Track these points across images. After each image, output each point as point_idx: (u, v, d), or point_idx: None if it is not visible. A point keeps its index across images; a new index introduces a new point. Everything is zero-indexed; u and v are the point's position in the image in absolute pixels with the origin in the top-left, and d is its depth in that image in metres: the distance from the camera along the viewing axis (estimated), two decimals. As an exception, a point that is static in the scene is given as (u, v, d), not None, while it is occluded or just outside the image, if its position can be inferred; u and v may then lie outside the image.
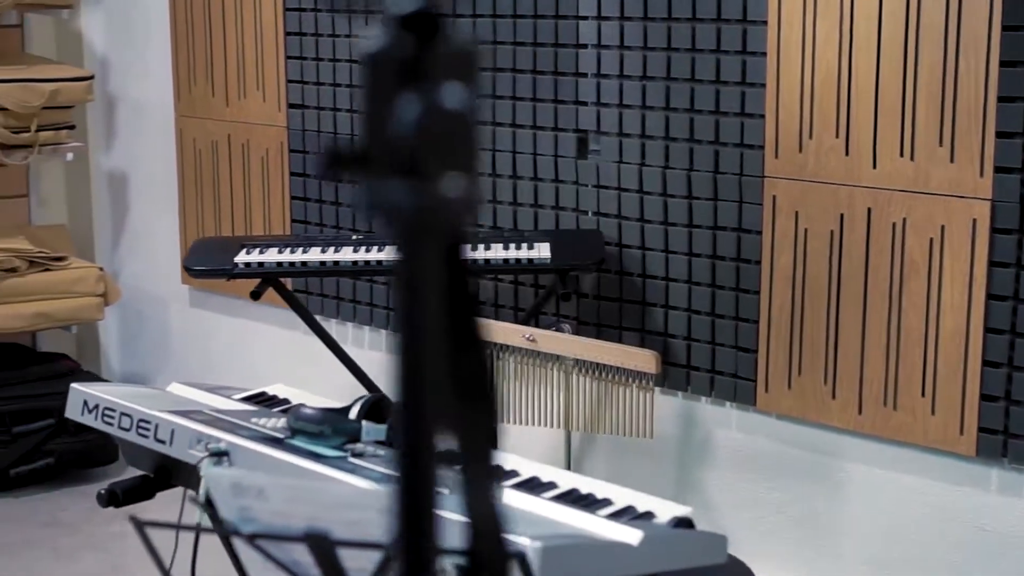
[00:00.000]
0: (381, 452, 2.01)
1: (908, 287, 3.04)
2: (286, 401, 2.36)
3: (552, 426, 3.39)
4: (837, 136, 3.10)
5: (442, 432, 0.63)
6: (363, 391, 3.72)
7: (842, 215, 3.12)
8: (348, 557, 1.40)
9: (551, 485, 1.96)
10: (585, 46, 3.51)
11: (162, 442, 2.08)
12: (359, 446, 2.01)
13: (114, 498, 2.15)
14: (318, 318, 4.28)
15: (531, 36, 3.60)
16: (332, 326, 4.28)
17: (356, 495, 1.37)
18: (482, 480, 0.65)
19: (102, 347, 5.16)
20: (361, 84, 0.56)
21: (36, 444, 4.25)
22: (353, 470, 1.86)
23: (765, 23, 3.18)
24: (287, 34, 4.25)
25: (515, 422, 3.39)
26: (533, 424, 3.40)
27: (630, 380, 3.22)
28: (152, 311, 4.96)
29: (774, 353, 3.27)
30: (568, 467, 3.36)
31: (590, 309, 3.58)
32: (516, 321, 3.60)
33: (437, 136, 0.54)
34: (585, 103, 3.53)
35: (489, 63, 3.69)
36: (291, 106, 4.27)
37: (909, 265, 3.03)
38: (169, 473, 2.14)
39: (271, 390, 2.42)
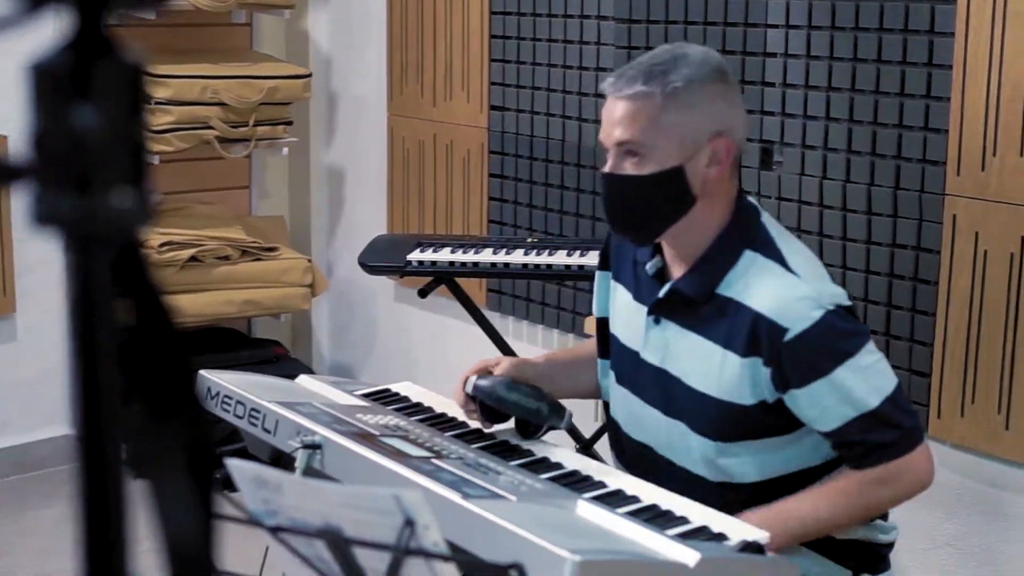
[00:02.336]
0: (467, 454, 2.02)
1: (1089, 317, 2.87)
2: (406, 399, 2.39)
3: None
4: (1022, 155, 2.95)
5: (128, 449, 0.62)
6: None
7: (1023, 238, 2.97)
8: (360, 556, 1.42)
9: (633, 499, 1.93)
10: (774, 55, 3.44)
11: (268, 431, 2.14)
12: (445, 446, 2.03)
13: (228, 483, 2.22)
14: (510, 318, 4.34)
15: (720, 43, 3.55)
16: (524, 326, 4.32)
17: (361, 497, 1.38)
18: (186, 500, 0.64)
19: (314, 336, 5.33)
20: (28, 95, 0.57)
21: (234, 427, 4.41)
22: (432, 472, 1.87)
23: (952, 35, 3.05)
24: (492, 37, 4.30)
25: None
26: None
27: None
28: (361, 303, 5.09)
29: (948, 378, 3.13)
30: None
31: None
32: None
33: (102, 149, 0.54)
34: (772, 113, 3.46)
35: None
36: (492, 108, 4.32)
37: (1091, 293, 2.87)
38: (281, 462, 2.20)
39: (395, 387, 2.45)
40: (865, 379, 2.07)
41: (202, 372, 2.30)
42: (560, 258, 3.43)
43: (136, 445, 0.64)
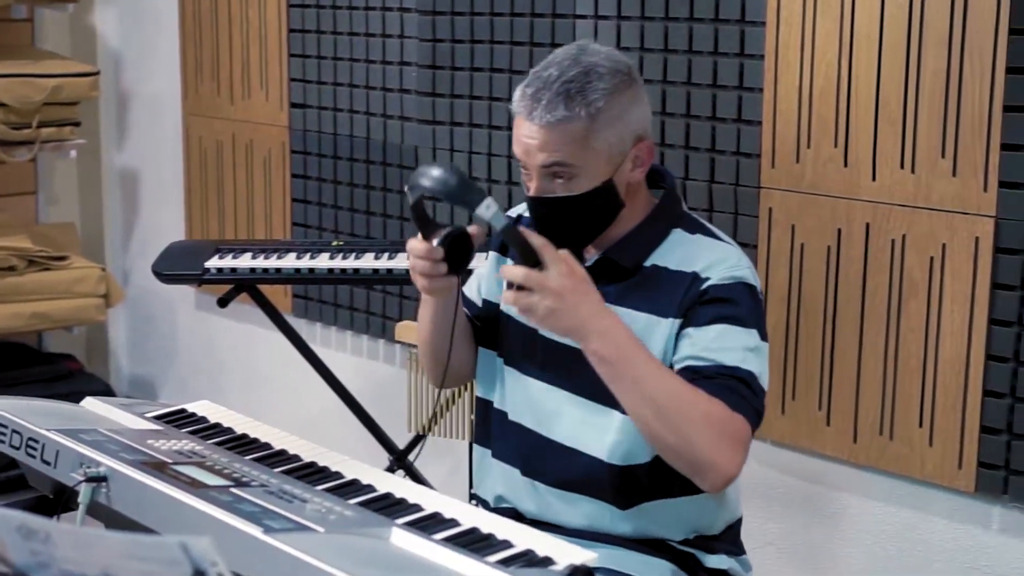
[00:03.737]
0: (270, 480, 1.85)
1: (907, 309, 2.83)
2: (203, 420, 2.21)
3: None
4: (836, 146, 2.90)
5: None
6: (336, 399, 3.58)
7: (840, 230, 2.92)
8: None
9: (451, 523, 1.79)
10: (583, 47, 3.33)
11: (48, 463, 1.94)
12: (246, 472, 1.86)
13: None
14: (317, 324, 4.17)
15: (527, 35, 3.43)
16: (332, 333, 4.16)
17: (145, 546, 1.21)
18: None
19: (111, 349, 5.06)
20: None
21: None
22: (231, 504, 1.70)
23: (764, 24, 2.99)
24: (290, 31, 4.11)
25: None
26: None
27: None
28: (161, 313, 4.85)
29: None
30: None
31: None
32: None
33: None
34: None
35: (486, 62, 3.54)
36: (293, 105, 4.14)
37: (908, 285, 2.83)
38: (64, 497, 2.00)
39: (191, 407, 2.27)
40: (746, 349, 2.05)
41: (-27, 399, 2.08)
42: (368, 261, 3.27)
43: None
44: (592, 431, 2.15)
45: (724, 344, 2.04)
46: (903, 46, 2.77)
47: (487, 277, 2.35)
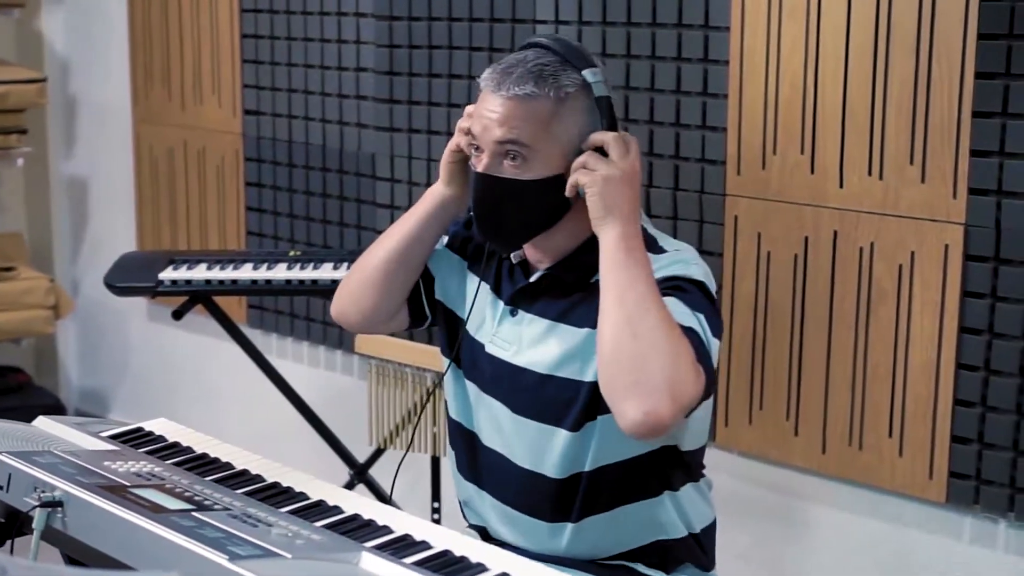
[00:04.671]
0: (233, 503, 1.78)
1: (875, 317, 2.80)
2: (161, 439, 2.13)
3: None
4: (802, 152, 2.86)
5: None
6: (293, 412, 3.52)
7: (807, 238, 2.88)
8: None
9: (422, 545, 1.73)
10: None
11: (0, 488, 1.87)
12: (208, 494, 1.79)
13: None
14: (273, 335, 4.10)
15: (487, 40, 3.38)
16: (288, 344, 4.08)
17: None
18: None
19: (60, 361, 4.96)
20: None
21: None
22: (193, 529, 1.63)
23: (728, 29, 2.95)
24: (243, 36, 4.04)
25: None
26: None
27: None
28: (112, 325, 4.76)
29: (735, 385, 3.03)
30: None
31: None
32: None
33: None
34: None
35: (444, 68, 3.48)
36: (247, 112, 4.06)
37: (877, 293, 2.79)
38: (17, 523, 1.92)
39: (149, 425, 2.19)
40: (694, 317, 1.96)
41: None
42: (325, 272, 3.20)
43: None
44: (538, 451, 2.10)
45: (672, 309, 1.93)
46: (870, 51, 2.74)
47: (449, 276, 2.27)
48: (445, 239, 2.28)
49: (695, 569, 2.20)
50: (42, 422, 2.16)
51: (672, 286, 1.99)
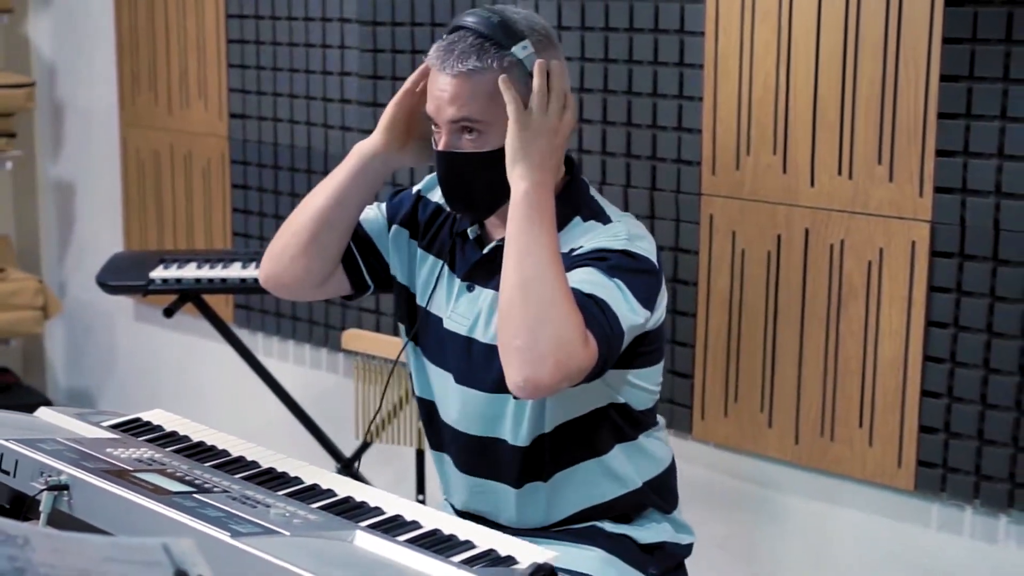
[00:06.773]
0: (231, 486, 1.87)
1: (846, 312, 2.90)
2: (159, 428, 2.22)
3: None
4: (775, 153, 2.96)
5: None
6: (279, 410, 3.59)
7: (779, 236, 2.98)
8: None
9: (413, 525, 1.82)
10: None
11: (7, 473, 1.94)
12: (207, 478, 1.88)
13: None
14: (259, 334, 4.17)
15: (469, 45, 3.46)
16: (274, 342, 4.16)
17: (126, 548, 1.23)
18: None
19: (48, 361, 5.03)
20: None
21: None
22: (195, 509, 1.72)
23: (703, 34, 3.04)
24: (229, 41, 4.12)
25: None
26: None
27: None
28: (99, 325, 4.83)
29: (710, 379, 3.12)
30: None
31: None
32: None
33: None
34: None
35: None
36: (232, 116, 4.14)
37: (847, 289, 2.89)
38: (24, 507, 2.00)
39: (146, 416, 2.27)
40: (606, 287, 2.00)
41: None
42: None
43: None
44: (492, 419, 2.17)
45: (584, 278, 2.00)
46: (840, 55, 2.83)
47: (398, 253, 2.30)
48: (382, 206, 2.33)
49: (657, 514, 2.27)
50: (43, 412, 2.24)
51: (595, 256, 2.05)
